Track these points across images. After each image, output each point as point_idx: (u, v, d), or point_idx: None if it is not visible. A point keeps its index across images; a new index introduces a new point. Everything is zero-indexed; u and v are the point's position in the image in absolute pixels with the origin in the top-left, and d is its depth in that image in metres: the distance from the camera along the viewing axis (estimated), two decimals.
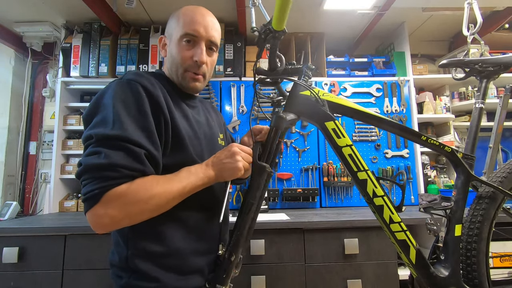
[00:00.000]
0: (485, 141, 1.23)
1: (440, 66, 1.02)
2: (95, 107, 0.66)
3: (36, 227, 1.42)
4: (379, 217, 0.82)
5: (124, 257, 0.69)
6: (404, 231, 0.82)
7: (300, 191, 1.93)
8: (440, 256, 0.90)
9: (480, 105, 0.97)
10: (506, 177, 0.91)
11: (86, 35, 2.06)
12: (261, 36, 0.76)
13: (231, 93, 2.09)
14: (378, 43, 2.51)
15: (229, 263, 0.73)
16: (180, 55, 0.79)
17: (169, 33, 0.83)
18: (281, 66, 0.81)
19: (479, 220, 0.89)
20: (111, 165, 0.59)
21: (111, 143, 0.61)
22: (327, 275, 1.40)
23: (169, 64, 0.82)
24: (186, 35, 0.78)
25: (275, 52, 0.81)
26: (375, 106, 2.11)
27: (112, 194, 0.59)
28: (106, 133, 0.61)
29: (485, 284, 0.87)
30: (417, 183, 2.03)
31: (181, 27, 0.79)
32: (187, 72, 0.80)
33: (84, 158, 0.61)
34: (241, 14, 1.91)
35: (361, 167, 0.81)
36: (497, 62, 0.95)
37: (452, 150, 0.90)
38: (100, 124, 0.63)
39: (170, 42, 0.82)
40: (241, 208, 0.77)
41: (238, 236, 0.74)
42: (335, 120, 0.81)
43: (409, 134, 0.91)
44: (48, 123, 2.25)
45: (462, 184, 0.90)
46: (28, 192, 2.25)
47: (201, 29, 0.79)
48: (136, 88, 0.67)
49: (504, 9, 1.97)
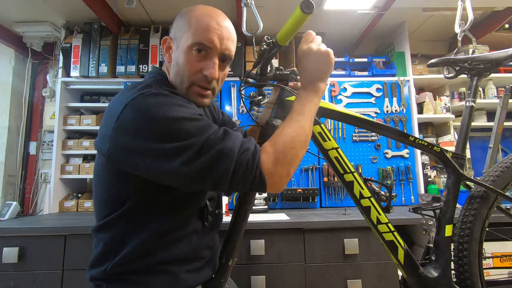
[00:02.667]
0: (485, 141, 1.23)
1: (429, 65, 1.00)
2: (148, 127, 0.60)
3: (36, 227, 1.42)
4: (366, 218, 0.84)
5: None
6: (392, 232, 0.82)
7: (300, 191, 1.93)
8: (431, 256, 0.89)
9: (471, 104, 0.95)
10: (498, 176, 0.90)
11: (86, 35, 2.06)
12: (266, 49, 0.75)
13: (231, 93, 2.09)
14: (378, 43, 2.51)
15: (226, 267, 0.74)
16: (188, 67, 0.69)
17: (176, 36, 0.71)
18: (270, 72, 0.82)
19: (471, 220, 0.88)
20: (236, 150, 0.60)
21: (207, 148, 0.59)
22: (327, 275, 1.40)
23: (174, 73, 0.72)
24: (198, 44, 0.68)
25: (270, 61, 0.80)
26: (375, 106, 2.11)
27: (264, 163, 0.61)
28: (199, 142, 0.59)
29: (478, 284, 0.86)
30: (417, 183, 2.03)
31: (192, 33, 0.68)
32: (193, 86, 0.71)
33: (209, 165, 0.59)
34: (241, 14, 1.90)
35: (348, 169, 0.82)
36: (487, 59, 0.93)
37: (441, 150, 0.89)
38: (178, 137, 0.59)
39: (176, 47, 0.71)
40: (237, 215, 0.76)
41: (235, 242, 0.75)
42: (321, 124, 0.82)
43: (396, 135, 0.91)
44: (48, 123, 2.25)
45: (453, 184, 0.90)
46: (28, 192, 2.25)
47: (216, 39, 0.68)
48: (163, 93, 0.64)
49: (504, 9, 1.97)
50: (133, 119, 0.60)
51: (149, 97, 0.61)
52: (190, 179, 0.59)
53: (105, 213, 0.68)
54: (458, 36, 1.22)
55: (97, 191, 0.71)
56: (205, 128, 0.61)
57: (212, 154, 0.58)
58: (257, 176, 0.60)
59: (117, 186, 0.67)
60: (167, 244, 0.68)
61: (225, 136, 0.61)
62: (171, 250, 0.68)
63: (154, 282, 0.66)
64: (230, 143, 0.60)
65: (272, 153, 0.62)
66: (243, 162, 0.59)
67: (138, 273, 0.66)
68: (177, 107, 0.61)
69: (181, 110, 0.61)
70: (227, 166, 0.58)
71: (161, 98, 0.61)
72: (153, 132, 0.59)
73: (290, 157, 0.64)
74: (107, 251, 0.67)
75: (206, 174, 0.59)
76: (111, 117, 0.63)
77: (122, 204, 0.66)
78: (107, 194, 0.69)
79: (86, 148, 2.06)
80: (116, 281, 0.66)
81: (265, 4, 1.87)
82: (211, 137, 0.60)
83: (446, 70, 1.05)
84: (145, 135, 0.59)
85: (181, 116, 0.60)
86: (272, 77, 0.83)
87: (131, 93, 0.63)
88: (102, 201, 0.69)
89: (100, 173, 0.70)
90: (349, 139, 2.06)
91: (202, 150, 0.58)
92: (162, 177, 0.61)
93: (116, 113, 0.62)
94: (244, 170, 0.59)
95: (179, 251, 0.69)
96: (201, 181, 0.60)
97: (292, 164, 0.65)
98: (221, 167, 0.58)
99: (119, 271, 0.66)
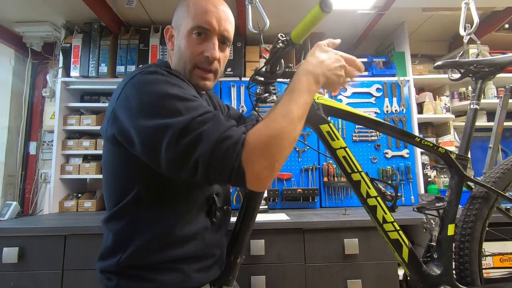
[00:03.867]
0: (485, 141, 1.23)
1: (435, 67, 1.02)
2: (149, 100, 0.60)
3: (36, 227, 1.42)
4: (372, 217, 0.85)
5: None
6: (397, 231, 0.84)
7: (300, 191, 1.93)
8: (433, 254, 0.91)
9: (475, 106, 0.97)
10: (499, 177, 0.92)
11: (86, 35, 2.06)
12: (280, 47, 0.74)
13: (231, 93, 2.09)
14: (378, 43, 2.51)
15: (234, 265, 0.75)
16: (189, 50, 0.72)
17: (177, 23, 0.75)
18: (279, 69, 0.82)
19: (472, 220, 0.91)
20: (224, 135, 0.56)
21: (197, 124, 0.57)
22: (327, 275, 1.40)
23: (177, 59, 0.75)
24: (197, 28, 0.71)
25: (282, 58, 0.80)
26: (375, 106, 2.11)
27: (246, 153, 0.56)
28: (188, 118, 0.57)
29: (477, 282, 0.89)
30: (417, 183, 2.03)
31: (191, 18, 0.71)
32: (196, 69, 0.74)
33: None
34: (241, 14, 1.91)
35: (355, 169, 0.83)
36: (492, 63, 0.95)
37: (446, 151, 0.91)
38: (172, 113, 0.58)
39: (178, 34, 0.75)
40: (245, 214, 0.78)
41: (242, 241, 0.77)
42: (329, 123, 0.83)
43: (402, 135, 0.93)
44: (48, 123, 2.25)
45: (456, 184, 0.92)
46: (28, 192, 2.25)
47: (214, 21, 0.71)
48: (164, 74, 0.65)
49: (504, 9, 1.96)
50: (130, 95, 0.62)
51: (145, 75, 0.63)
52: (173, 161, 0.57)
53: (115, 202, 0.68)
54: (464, 39, 1.22)
55: (106, 180, 0.71)
56: (194, 108, 0.59)
57: (192, 137, 0.55)
58: (236, 167, 0.55)
59: (123, 172, 0.68)
60: (178, 241, 0.68)
61: (212, 120, 0.58)
62: (183, 247, 0.68)
63: (165, 279, 0.66)
64: (213, 127, 0.56)
65: (257, 144, 0.56)
66: (222, 149, 0.55)
67: (149, 269, 0.66)
68: (170, 86, 0.62)
69: (174, 89, 0.61)
70: (203, 150, 0.55)
71: (157, 76, 0.63)
72: (145, 107, 0.59)
73: (278, 146, 0.57)
74: (118, 242, 0.67)
75: (186, 157, 0.56)
76: (113, 99, 0.66)
77: (130, 190, 0.66)
78: (115, 181, 0.69)
79: (86, 148, 2.06)
80: (127, 276, 0.66)
81: (266, 4, 1.87)
82: (197, 119, 0.57)
83: (451, 72, 1.05)
84: (138, 110, 0.60)
85: (172, 93, 0.60)
86: (282, 75, 0.83)
87: (131, 75, 0.66)
88: (111, 190, 0.70)
89: (106, 159, 0.71)
90: (349, 139, 2.06)
91: (185, 130, 0.56)
92: (152, 156, 0.59)
93: (116, 94, 0.65)
94: (221, 158, 0.55)
95: (191, 249, 0.69)
96: (184, 165, 0.57)
97: (276, 157, 0.57)
98: (198, 150, 0.55)
99: (131, 264, 0.65)
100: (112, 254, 0.67)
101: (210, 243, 0.73)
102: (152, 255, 0.66)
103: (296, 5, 1.90)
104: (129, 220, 0.67)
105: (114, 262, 0.66)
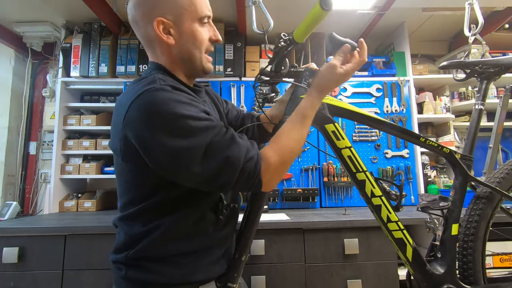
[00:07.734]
0: (485, 141, 1.23)
1: (441, 67, 1.02)
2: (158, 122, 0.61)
3: (36, 227, 1.42)
4: (377, 216, 0.85)
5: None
6: (401, 230, 0.85)
7: (300, 191, 1.93)
8: (437, 254, 0.92)
9: (480, 107, 0.98)
10: (504, 178, 0.93)
11: (86, 35, 2.06)
12: (283, 46, 0.76)
13: (231, 93, 2.09)
14: (378, 43, 2.51)
15: (240, 263, 0.75)
16: (200, 40, 0.73)
17: (175, 14, 0.71)
18: (284, 69, 0.82)
19: (476, 220, 0.91)
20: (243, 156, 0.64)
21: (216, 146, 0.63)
22: (327, 275, 1.40)
23: (181, 52, 0.73)
24: (203, 18, 0.73)
25: (285, 58, 0.81)
26: (375, 106, 2.11)
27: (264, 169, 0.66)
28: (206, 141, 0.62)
29: (481, 281, 0.89)
30: (417, 183, 2.03)
31: (197, 8, 0.72)
32: (205, 56, 0.77)
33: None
34: (241, 14, 1.91)
35: (360, 168, 0.83)
36: (498, 63, 0.95)
37: (451, 151, 0.91)
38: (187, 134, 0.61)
39: (179, 26, 0.72)
40: (250, 213, 0.78)
41: (248, 239, 0.77)
42: (334, 123, 0.83)
43: (407, 135, 0.93)
44: (48, 123, 2.25)
45: (460, 184, 0.92)
46: (28, 192, 2.25)
47: (209, 7, 0.76)
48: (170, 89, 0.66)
49: (504, 9, 1.97)
50: (140, 116, 0.62)
51: (153, 92, 0.63)
52: (202, 181, 0.63)
53: (129, 206, 0.71)
54: (469, 40, 1.22)
55: (121, 190, 0.74)
56: (209, 128, 0.63)
57: (219, 161, 0.62)
58: (255, 183, 0.65)
59: (139, 184, 0.70)
60: (185, 236, 0.70)
61: (232, 142, 0.65)
62: (190, 243, 0.70)
63: (172, 272, 0.68)
64: (236, 151, 0.64)
65: (273, 164, 0.67)
66: (246, 171, 0.64)
67: (156, 262, 0.68)
68: (181, 104, 0.62)
69: (185, 108, 0.62)
70: (232, 174, 0.63)
71: (166, 94, 0.63)
72: (162, 129, 0.61)
73: (288, 165, 0.71)
74: (129, 239, 0.71)
75: (214, 179, 0.63)
76: (119, 117, 0.65)
77: (148, 198, 0.69)
78: (131, 192, 0.72)
79: (86, 148, 2.06)
80: (135, 266, 0.69)
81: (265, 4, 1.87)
82: (215, 138, 0.63)
83: (455, 72, 1.06)
84: (151, 130, 0.61)
85: (186, 114, 0.61)
86: (287, 74, 0.83)
87: (135, 91, 0.64)
88: (127, 200, 0.72)
89: (121, 173, 0.72)
90: (349, 139, 2.03)
91: (207, 152, 0.62)
92: (178, 175, 0.64)
93: (123, 112, 0.64)
94: (245, 178, 0.64)
95: (197, 244, 0.71)
96: (209, 185, 0.64)
97: (287, 168, 0.72)
98: (227, 175, 0.63)
99: (139, 256, 0.69)
100: (123, 249, 0.71)
101: (216, 239, 0.75)
102: (159, 249, 0.69)
103: (296, 6, 1.90)
104: (141, 223, 0.69)
105: (124, 255, 0.69)
